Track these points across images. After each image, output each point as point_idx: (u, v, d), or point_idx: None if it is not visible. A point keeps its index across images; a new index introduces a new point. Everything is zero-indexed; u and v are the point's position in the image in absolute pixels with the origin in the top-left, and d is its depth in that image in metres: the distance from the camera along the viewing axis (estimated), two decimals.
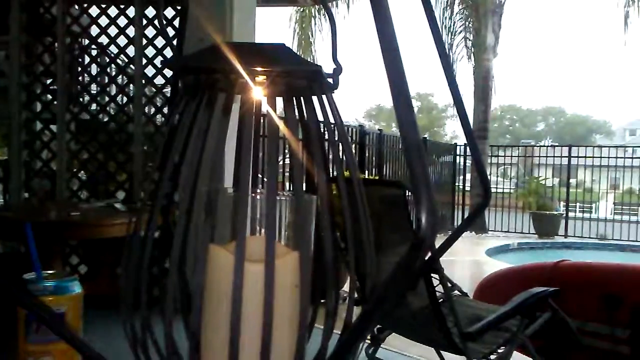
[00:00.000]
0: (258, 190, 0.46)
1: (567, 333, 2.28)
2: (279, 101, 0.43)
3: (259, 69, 0.41)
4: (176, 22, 3.42)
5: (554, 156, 12.46)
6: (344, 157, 0.43)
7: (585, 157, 12.24)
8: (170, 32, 3.40)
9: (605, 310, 2.38)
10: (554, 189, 13.00)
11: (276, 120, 0.42)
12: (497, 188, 14.52)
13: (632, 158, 13.38)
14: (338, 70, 0.43)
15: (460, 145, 12.15)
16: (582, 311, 2.38)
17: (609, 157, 11.88)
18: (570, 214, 11.60)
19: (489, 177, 13.00)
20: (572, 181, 13.07)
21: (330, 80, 0.43)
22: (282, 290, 0.42)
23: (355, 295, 0.71)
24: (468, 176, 12.38)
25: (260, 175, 0.50)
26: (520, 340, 2.05)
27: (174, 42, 3.31)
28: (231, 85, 0.42)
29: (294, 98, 0.43)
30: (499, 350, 2.05)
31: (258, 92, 0.42)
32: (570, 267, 2.65)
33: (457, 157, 12.15)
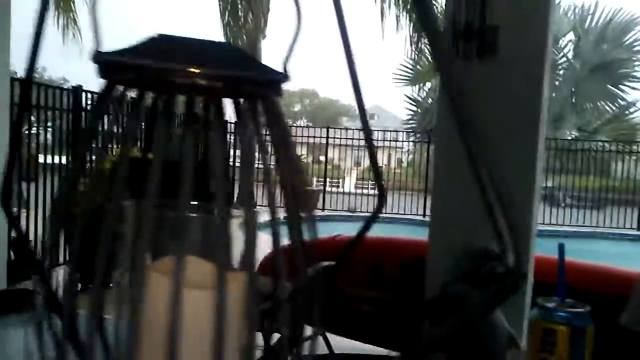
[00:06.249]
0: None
1: (344, 302, 2.50)
2: (224, 105, 0.38)
3: (202, 71, 0.35)
4: None
5: (308, 136, 13.42)
6: (289, 164, 0.41)
7: (335, 137, 13.57)
8: None
9: (374, 278, 2.69)
10: (308, 165, 14.18)
11: (218, 127, 0.37)
12: None
13: (374, 140, 15.24)
14: (285, 77, 0.39)
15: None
16: (357, 281, 2.64)
17: (353, 139, 13.50)
18: (327, 189, 12.73)
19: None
20: (322, 158, 14.37)
21: (277, 85, 0.40)
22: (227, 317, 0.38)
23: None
24: None
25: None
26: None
27: None
28: (169, 87, 0.35)
29: (237, 103, 0.38)
30: None
31: (197, 93, 0.36)
32: (343, 242, 2.90)
33: None
